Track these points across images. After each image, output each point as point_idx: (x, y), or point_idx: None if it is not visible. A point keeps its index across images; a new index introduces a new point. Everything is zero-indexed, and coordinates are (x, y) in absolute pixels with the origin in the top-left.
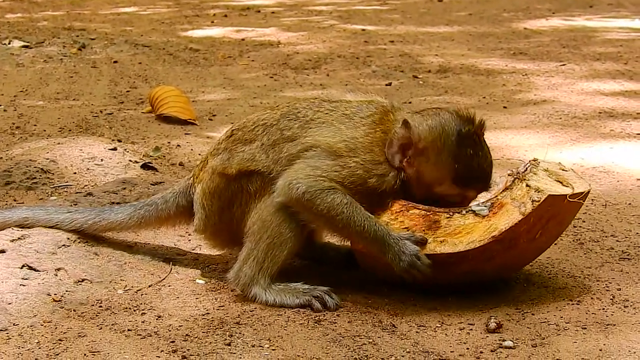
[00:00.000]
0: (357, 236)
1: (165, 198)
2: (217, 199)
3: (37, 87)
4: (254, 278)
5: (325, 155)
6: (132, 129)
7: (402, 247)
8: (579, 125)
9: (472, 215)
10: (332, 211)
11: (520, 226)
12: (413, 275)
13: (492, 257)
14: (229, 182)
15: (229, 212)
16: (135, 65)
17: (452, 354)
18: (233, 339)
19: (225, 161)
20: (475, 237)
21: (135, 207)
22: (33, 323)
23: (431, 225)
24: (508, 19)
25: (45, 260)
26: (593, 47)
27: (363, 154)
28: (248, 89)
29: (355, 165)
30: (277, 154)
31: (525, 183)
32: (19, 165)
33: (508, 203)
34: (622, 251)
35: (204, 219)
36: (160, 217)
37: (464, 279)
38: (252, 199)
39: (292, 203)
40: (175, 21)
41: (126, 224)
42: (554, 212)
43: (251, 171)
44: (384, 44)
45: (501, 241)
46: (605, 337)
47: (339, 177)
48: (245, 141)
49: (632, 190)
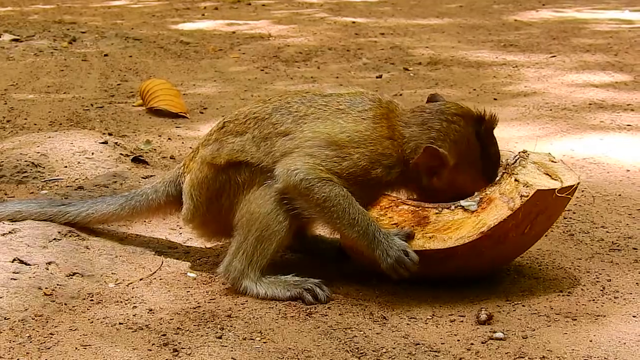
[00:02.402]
0: (349, 229)
1: (155, 188)
2: (206, 189)
3: (27, 80)
4: (244, 272)
5: (325, 146)
6: (122, 123)
7: (390, 243)
8: (569, 117)
9: (461, 210)
10: (328, 202)
11: (508, 222)
12: (399, 274)
13: (481, 253)
14: (217, 173)
15: (217, 203)
16: (125, 59)
17: (443, 345)
18: (224, 332)
19: (214, 151)
20: (464, 233)
21: (126, 198)
22: (24, 317)
23: (420, 220)
24: (498, 11)
25: (36, 254)
26: (583, 39)
27: (369, 146)
28: (239, 82)
29: (358, 157)
30: (268, 147)
31: (514, 177)
32: (9, 159)
33: (497, 198)
34: (612, 242)
35: (192, 209)
36: (151, 206)
37: (453, 274)
38: (240, 191)
39: (289, 189)
40: (165, 14)
41: (118, 214)
42: (542, 206)
43: (240, 162)
44: (375, 37)
45: (490, 237)
46: (596, 328)
47: (338, 167)
48: (236, 133)
49: (622, 181)
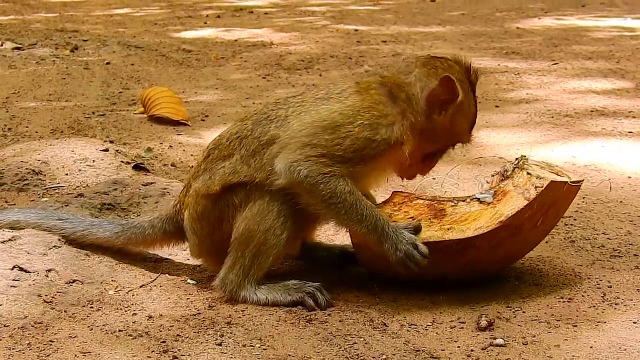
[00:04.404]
0: (357, 224)
1: (152, 223)
2: (207, 221)
3: (29, 88)
4: (241, 284)
5: (321, 131)
6: (124, 130)
7: (399, 236)
8: (571, 124)
9: (477, 203)
10: (334, 198)
11: (525, 212)
12: (409, 267)
13: (496, 245)
14: (215, 202)
15: (220, 231)
16: (127, 67)
17: (443, 352)
18: (224, 339)
19: (207, 181)
20: (482, 223)
21: (123, 227)
22: (24, 324)
23: (437, 213)
24: (500, 19)
25: (36, 262)
26: (585, 46)
27: (364, 114)
28: (241, 90)
29: (358, 129)
30: (259, 161)
31: (526, 171)
32: (10, 166)
33: (511, 190)
34: (613, 249)
35: (197, 243)
36: (147, 240)
37: (466, 269)
38: (238, 212)
39: (293, 186)
40: (168, 22)
41: (112, 242)
42: (554, 198)
43: (234, 184)
44: (377, 44)
45: (507, 227)
46: (596, 334)
47: (341, 150)
48: (223, 157)
49: (623, 188)
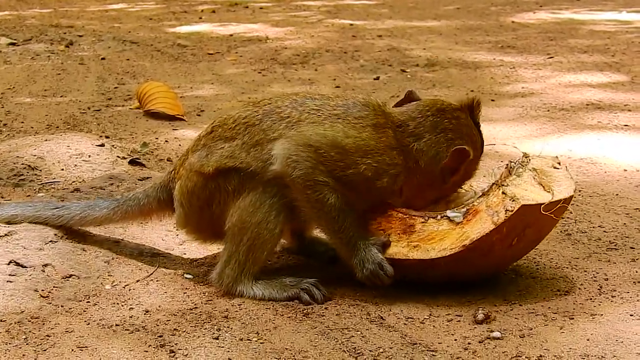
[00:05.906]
0: (333, 235)
1: (147, 192)
2: (196, 198)
3: (24, 84)
4: (237, 279)
5: (330, 146)
6: (119, 125)
7: (367, 254)
8: (567, 117)
9: (447, 221)
10: (320, 205)
11: (492, 236)
12: (375, 284)
13: (467, 263)
14: (206, 181)
15: (209, 211)
16: (123, 62)
17: (440, 345)
18: (221, 333)
19: (202, 158)
20: (447, 245)
21: (118, 202)
22: (20, 319)
23: (406, 229)
24: (495, 13)
25: (33, 257)
26: (580, 40)
27: (375, 156)
28: (236, 85)
29: (365, 167)
30: (259, 152)
31: (502, 190)
32: (6, 162)
33: (482, 210)
34: (609, 242)
35: (183, 216)
36: (143, 211)
37: (440, 280)
38: (230, 198)
39: (285, 177)
40: (163, 17)
41: (111, 218)
42: (529, 221)
43: (229, 168)
44: (372, 39)
45: (474, 249)
46: (593, 327)
47: (341, 173)
48: (225, 138)
49: (619, 181)
